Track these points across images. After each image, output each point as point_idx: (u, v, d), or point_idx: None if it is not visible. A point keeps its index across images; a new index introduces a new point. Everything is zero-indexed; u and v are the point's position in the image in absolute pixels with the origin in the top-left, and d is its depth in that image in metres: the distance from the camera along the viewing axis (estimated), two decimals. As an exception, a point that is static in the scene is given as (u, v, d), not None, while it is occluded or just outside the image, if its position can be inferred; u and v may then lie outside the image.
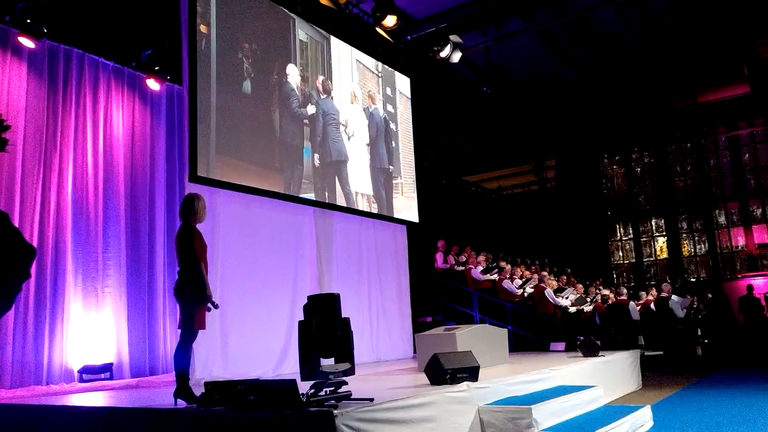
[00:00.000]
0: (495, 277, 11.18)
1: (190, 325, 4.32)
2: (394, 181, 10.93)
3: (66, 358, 6.85)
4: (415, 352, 8.34)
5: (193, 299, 4.33)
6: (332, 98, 9.70)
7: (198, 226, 4.52)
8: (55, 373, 6.71)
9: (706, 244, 16.91)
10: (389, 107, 11.16)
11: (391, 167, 10.88)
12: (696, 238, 17.15)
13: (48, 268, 6.82)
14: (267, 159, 8.21)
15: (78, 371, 6.88)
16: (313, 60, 9.62)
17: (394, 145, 11.08)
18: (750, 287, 13.65)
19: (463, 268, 11.50)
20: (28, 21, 6.73)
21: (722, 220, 16.87)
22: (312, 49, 9.64)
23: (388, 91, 11.23)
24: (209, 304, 4.35)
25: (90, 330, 7.13)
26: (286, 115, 8.70)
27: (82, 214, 7.29)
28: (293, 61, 9.04)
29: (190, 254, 4.36)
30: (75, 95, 7.43)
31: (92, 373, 6.92)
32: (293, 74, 8.98)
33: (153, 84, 8.20)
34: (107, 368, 7.09)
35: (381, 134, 10.72)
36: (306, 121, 8.96)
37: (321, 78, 9.50)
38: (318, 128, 9.25)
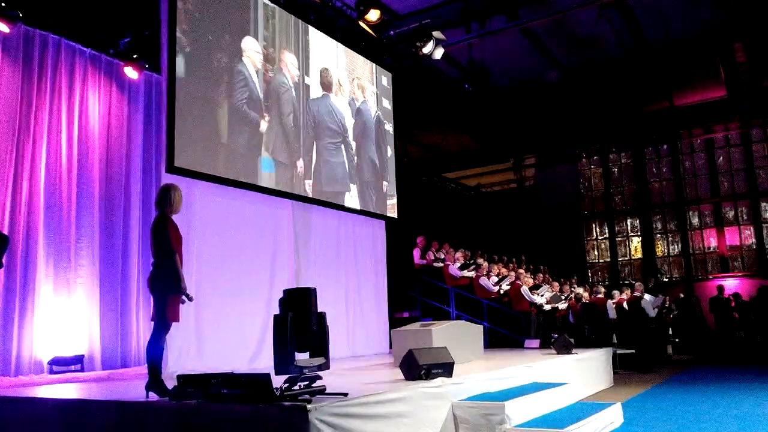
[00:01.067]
0: (472, 274, 11.24)
1: (164, 317, 4.27)
2: (388, 201, 10.05)
3: (35, 348, 6.73)
4: (391, 347, 8.36)
5: (168, 291, 4.28)
6: (334, 97, 8.56)
7: (174, 217, 4.47)
8: (24, 364, 6.59)
9: (680, 245, 17.19)
10: (385, 102, 10.36)
11: (384, 183, 10.00)
12: (670, 238, 17.42)
13: (18, 257, 6.70)
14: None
15: (48, 362, 6.77)
16: (282, 33, 8.00)
17: (390, 153, 10.08)
18: (720, 288, 13.92)
19: (441, 264, 11.54)
20: (3, 4, 6.57)
21: (695, 221, 17.17)
22: (282, 19, 8.16)
23: (384, 81, 10.57)
24: (184, 297, 4.31)
25: (61, 321, 7.02)
26: (236, 113, 7.24)
27: (55, 202, 7.16)
28: (252, 32, 7.45)
29: (165, 245, 4.31)
30: (50, 82, 7.30)
31: (63, 365, 6.82)
32: (250, 50, 7.27)
33: (131, 72, 8.08)
34: (78, 360, 6.99)
35: (371, 136, 9.87)
36: (262, 117, 7.48)
37: (294, 63, 8.14)
38: (306, 141, 8.04)
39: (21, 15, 6.77)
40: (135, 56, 8.02)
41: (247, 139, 7.60)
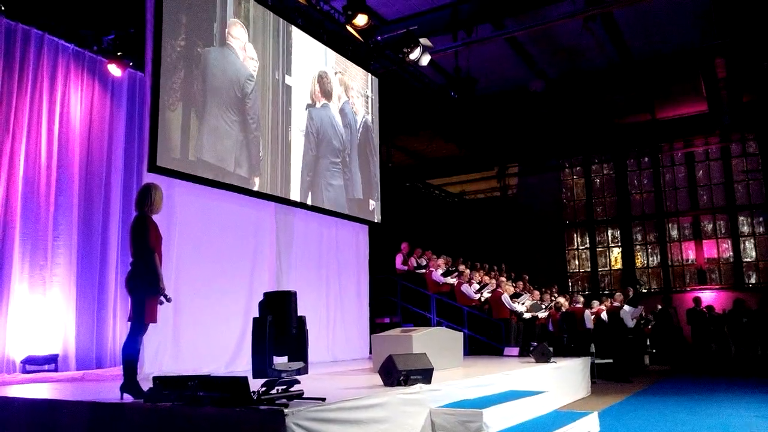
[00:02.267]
0: (455, 281, 11.26)
1: (141, 317, 4.22)
2: (371, 207, 9.98)
3: (8, 347, 6.61)
4: (371, 352, 8.33)
5: (146, 291, 4.23)
6: (334, 107, 8.24)
7: (154, 217, 4.42)
8: (-4, 362, 6.47)
9: (659, 257, 17.40)
10: (375, 108, 10.26)
11: (371, 203, 9.78)
12: (649, 250, 17.63)
13: (-7, 254, 6.59)
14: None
15: (21, 361, 6.65)
16: (258, 22, 7.66)
17: (377, 166, 9.96)
18: (697, 300, 14.06)
19: (424, 270, 11.55)
20: (-16, -3, 6.50)
21: (674, 233, 17.39)
22: (257, 6, 7.78)
23: (374, 85, 10.44)
24: (162, 297, 4.26)
25: (35, 319, 6.90)
26: (216, 112, 6.91)
27: (33, 199, 7.06)
28: (231, 13, 7.03)
29: (145, 245, 4.26)
30: (32, 77, 7.21)
31: (36, 364, 6.71)
32: (239, 38, 6.94)
33: (114, 70, 8.01)
34: (52, 359, 6.88)
35: (361, 148, 9.67)
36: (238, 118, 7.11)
37: (244, 36, 7.22)
38: (307, 157, 7.75)
39: (3, 8, 6.68)
40: (119, 53, 7.95)
41: (226, 139, 7.45)
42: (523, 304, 11.20)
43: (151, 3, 6.83)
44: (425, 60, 10.26)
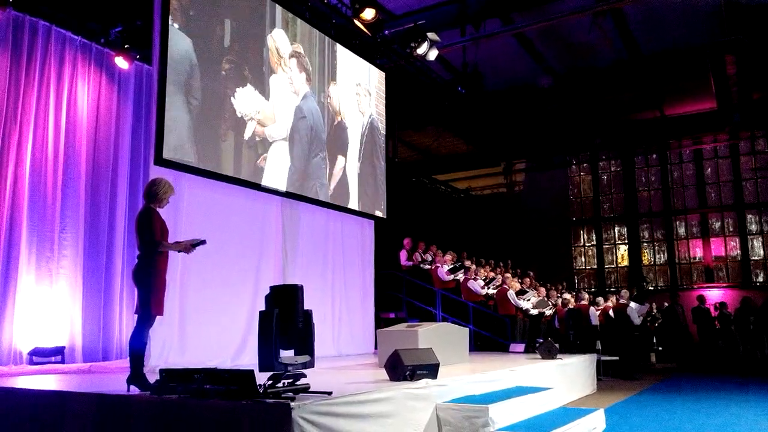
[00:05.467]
0: (461, 276, 11.23)
1: (148, 309, 4.22)
2: (378, 201, 10.20)
3: (15, 339, 6.63)
4: (376, 347, 8.32)
5: (152, 283, 4.22)
6: (325, 97, 8.49)
7: (160, 210, 4.42)
8: (2, 354, 6.49)
9: (666, 254, 17.32)
10: (380, 104, 10.30)
11: (380, 208, 9.92)
12: (656, 247, 17.55)
13: (0, 246, 6.59)
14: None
15: (28, 353, 6.67)
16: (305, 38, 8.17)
17: (383, 168, 10.22)
18: (701, 298, 13.93)
19: (430, 266, 11.52)
20: (-8, -12, 6.49)
21: (682, 231, 17.31)
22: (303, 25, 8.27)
23: (379, 81, 10.50)
24: (199, 245, 4.36)
25: (42, 311, 6.92)
26: (223, 106, 7.16)
27: (40, 191, 7.06)
28: (273, 22, 7.55)
29: (151, 238, 4.26)
30: (39, 69, 7.20)
31: (43, 356, 6.73)
32: (280, 43, 7.39)
33: (122, 62, 7.99)
34: (59, 351, 6.90)
35: (367, 149, 9.75)
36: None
37: (287, 47, 7.77)
38: (296, 150, 7.95)
39: (11, 0, 6.67)
40: (126, 46, 7.94)
41: (234, 134, 7.50)
42: (528, 300, 11.17)
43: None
44: (432, 55, 10.21)
